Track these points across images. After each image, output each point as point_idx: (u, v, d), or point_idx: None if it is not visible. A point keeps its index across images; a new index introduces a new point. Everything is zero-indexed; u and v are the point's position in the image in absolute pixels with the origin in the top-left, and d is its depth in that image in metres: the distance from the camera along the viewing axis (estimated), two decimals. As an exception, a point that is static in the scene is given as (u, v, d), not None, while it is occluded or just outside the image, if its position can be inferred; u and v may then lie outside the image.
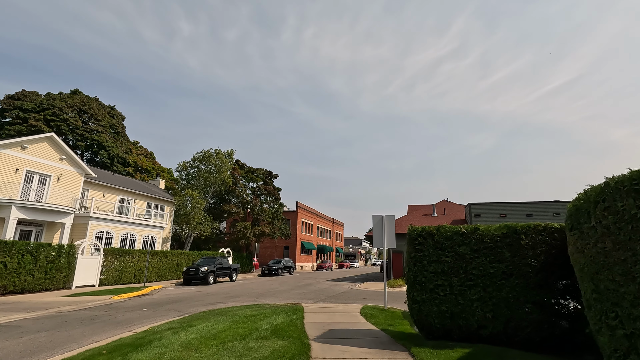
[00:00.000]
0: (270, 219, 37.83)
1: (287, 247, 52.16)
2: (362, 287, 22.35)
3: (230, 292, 18.64)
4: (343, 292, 19.33)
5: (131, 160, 41.62)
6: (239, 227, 35.10)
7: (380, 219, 12.97)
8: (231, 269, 25.87)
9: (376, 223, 12.96)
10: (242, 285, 22.61)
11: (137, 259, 22.11)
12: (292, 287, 22.18)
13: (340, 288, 22.03)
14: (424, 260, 6.78)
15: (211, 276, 22.97)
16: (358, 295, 17.94)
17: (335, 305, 13.19)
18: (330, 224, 71.40)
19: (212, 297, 16.28)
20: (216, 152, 36.78)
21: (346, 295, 17.84)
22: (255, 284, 23.82)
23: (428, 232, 6.88)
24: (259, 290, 19.84)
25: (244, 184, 39.16)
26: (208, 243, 38.24)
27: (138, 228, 27.11)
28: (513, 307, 6.13)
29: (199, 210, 33.40)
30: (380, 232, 12.82)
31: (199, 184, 37.14)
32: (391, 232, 12.81)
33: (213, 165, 37.08)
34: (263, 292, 18.84)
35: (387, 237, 12.76)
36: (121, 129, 42.91)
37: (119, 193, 28.88)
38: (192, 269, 22.52)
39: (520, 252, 6.36)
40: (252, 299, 15.43)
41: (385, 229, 12.80)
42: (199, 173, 37.24)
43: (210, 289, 20.31)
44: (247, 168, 39.82)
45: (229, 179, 36.27)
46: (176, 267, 25.39)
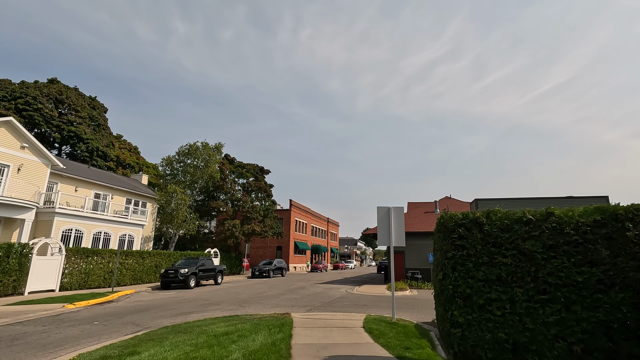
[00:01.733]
0: (261, 217, 35.43)
1: (279, 247, 49.78)
2: (361, 291, 20.10)
3: (211, 297, 16.25)
4: (340, 297, 17.05)
5: (113, 154, 38.94)
6: (227, 226, 32.65)
7: (387, 212, 10.71)
8: (216, 271, 23.46)
9: (382, 217, 10.70)
10: (227, 289, 20.23)
11: (107, 260, 19.61)
12: (283, 291, 19.86)
13: (336, 292, 19.77)
14: (469, 261, 4.54)
15: (192, 279, 20.54)
16: (357, 300, 15.69)
17: (331, 315, 10.91)
18: (325, 223, 69.12)
19: (187, 304, 13.89)
20: (203, 145, 34.29)
21: (343, 300, 15.58)
22: (242, 288, 21.44)
23: (473, 220, 4.67)
24: (245, 295, 17.48)
25: (233, 180, 36.72)
26: (194, 243, 35.73)
27: (114, 226, 24.57)
28: (618, 337, 3.90)
29: (184, 207, 30.90)
30: (386, 227, 10.56)
31: (185, 180, 34.65)
32: (400, 227, 10.56)
33: (200, 159, 34.60)
34: (249, 297, 16.48)
35: (395, 233, 10.50)
36: (103, 122, 40.20)
37: (94, 188, 26.30)
38: (170, 271, 20.09)
39: (626, 249, 4.12)
40: (233, 307, 13.08)
41: (393, 224, 10.54)
42: (185, 168, 34.74)
43: (190, 293, 17.90)
44: (236, 163, 37.39)
45: (216, 174, 33.81)
46: (155, 269, 22.91)
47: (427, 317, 11.83)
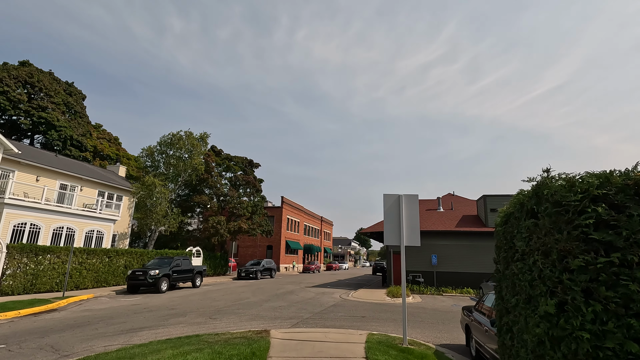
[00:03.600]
0: (249, 214, 32.77)
1: (270, 246, 47.16)
2: (357, 297, 17.62)
3: (180, 305, 13.63)
4: (334, 305, 14.54)
5: (90, 144, 35.97)
6: (211, 222, 29.96)
7: (396, 201, 8.20)
8: (194, 272, 20.79)
9: (389, 207, 8.19)
10: (204, 294, 17.61)
11: (64, 260, 16.86)
12: (268, 296, 17.30)
13: (329, 298, 17.26)
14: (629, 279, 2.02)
15: (164, 282, 17.88)
16: (354, 310, 13.19)
17: (323, 333, 8.38)
18: (318, 222, 66.60)
19: (144, 316, 11.27)
20: (187, 135, 31.54)
21: (338, 310, 13.07)
22: (223, 292, 18.83)
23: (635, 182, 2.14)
24: (222, 301, 14.88)
25: (220, 173, 34.02)
26: (176, 240, 33.00)
27: (80, 221, 21.78)
28: None
29: (164, 201, 28.17)
30: (395, 221, 8.06)
31: (168, 172, 31.89)
32: (413, 221, 8.07)
33: (183, 149, 31.85)
34: (226, 305, 13.89)
35: (407, 229, 8.01)
36: (80, 109, 37.16)
37: (60, 178, 23.47)
38: (138, 273, 17.41)
39: None
40: (200, 320, 10.50)
41: (404, 216, 8.05)
42: (168, 159, 31.97)
43: (158, 299, 15.25)
44: (223, 155, 34.68)
45: (200, 167, 31.09)
46: (124, 270, 20.19)
47: (442, 335, 9.37)
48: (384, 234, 8.15)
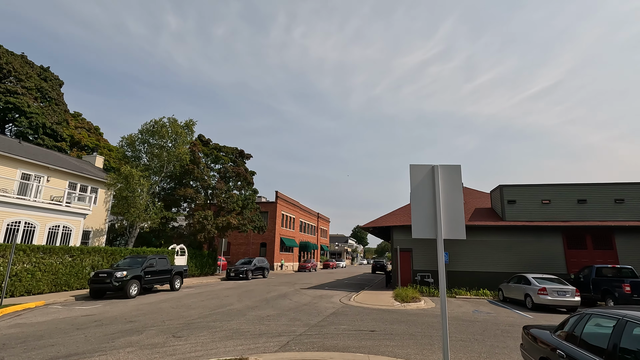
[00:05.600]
0: (239, 208, 30.09)
1: (264, 243, 44.54)
2: (361, 302, 15.08)
3: (141, 316, 11.00)
4: (334, 314, 11.99)
5: (66, 133, 33.03)
6: (197, 217, 27.27)
7: (429, 174, 5.55)
8: (172, 274, 18.13)
9: (419, 183, 5.55)
10: (179, 300, 14.98)
11: (13, 260, 14.11)
12: (256, 301, 14.72)
13: (327, 303, 14.71)
14: None
15: (133, 285, 15.21)
16: (359, 321, 10.63)
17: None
18: (314, 218, 64.03)
19: (87, 333, 8.63)
20: (170, 122, 28.76)
21: (339, 321, 10.51)
22: (203, 296, 16.22)
23: None
24: (198, 310, 12.27)
25: (207, 164, 31.28)
26: (160, 237, 30.27)
27: (42, 215, 19.02)
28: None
29: (144, 194, 25.43)
30: (428, 204, 5.41)
31: (151, 163, 29.11)
32: (455, 203, 5.46)
33: (166, 138, 29.08)
34: (200, 315, 11.28)
35: (447, 215, 5.38)
36: (55, 96, 34.14)
37: (23, 166, 20.68)
38: (102, 275, 14.73)
39: None
40: (158, 341, 7.88)
41: (442, 197, 5.42)
42: (151, 149, 29.18)
43: (120, 308, 12.61)
44: (212, 145, 31.92)
45: (185, 156, 28.34)
46: (90, 271, 17.47)
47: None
48: (412, 222, 5.51)
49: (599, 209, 19.58)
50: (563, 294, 13.84)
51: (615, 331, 3.60)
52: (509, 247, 20.01)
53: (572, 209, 19.82)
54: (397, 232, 21.61)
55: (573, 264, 19.17)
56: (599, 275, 15.45)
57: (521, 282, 15.62)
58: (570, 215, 19.78)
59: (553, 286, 14.13)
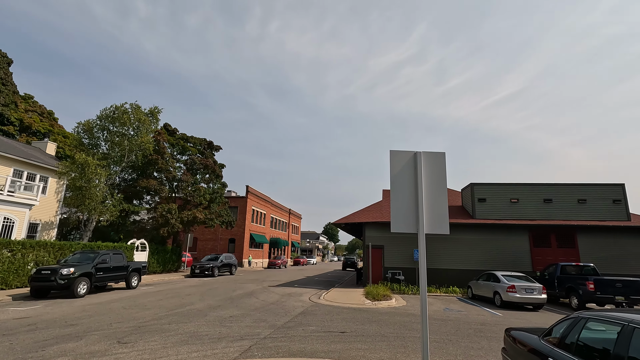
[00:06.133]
0: (206, 202, 28.70)
1: (233, 239, 43.17)
2: (331, 300, 14.51)
3: (85, 319, 9.81)
4: (303, 314, 11.32)
5: (14, 116, 30.09)
6: (160, 211, 25.68)
7: (411, 162, 4.96)
8: (129, 270, 16.75)
9: (400, 171, 4.93)
10: (135, 299, 13.76)
11: None
12: (220, 300, 13.78)
13: (296, 302, 14.02)
14: None
15: (82, 283, 13.80)
16: (329, 321, 10.00)
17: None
18: (286, 214, 63.10)
19: (15, 340, 7.43)
20: (133, 108, 26.88)
21: (308, 321, 9.84)
22: (162, 295, 15.05)
23: None
24: (154, 310, 11.20)
25: (173, 155, 29.58)
26: (119, 232, 28.33)
27: (-21, 204, 16.98)
28: None
29: (101, 184, 23.56)
30: (409, 194, 4.82)
31: (112, 152, 27.10)
32: (438, 195, 4.90)
33: (129, 126, 27.16)
34: (155, 317, 10.24)
35: (430, 207, 4.81)
36: (2, 75, 31.00)
37: (-43, 150, 18.41)
38: (45, 272, 13.23)
39: None
40: (99, 349, 6.86)
41: (425, 187, 4.85)
42: (111, 137, 27.14)
43: (63, 308, 11.28)
44: (178, 135, 30.20)
45: (149, 145, 26.58)
46: (34, 268, 15.75)
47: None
48: (391, 214, 4.89)
49: (563, 208, 20.13)
50: (531, 291, 13.93)
51: (621, 339, 3.14)
52: (478, 244, 20.18)
53: (539, 208, 20.27)
54: (370, 229, 21.26)
55: (538, 261, 19.60)
56: (563, 273, 15.77)
57: (490, 279, 15.65)
58: (536, 214, 20.22)
59: (521, 284, 14.20)
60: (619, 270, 18.31)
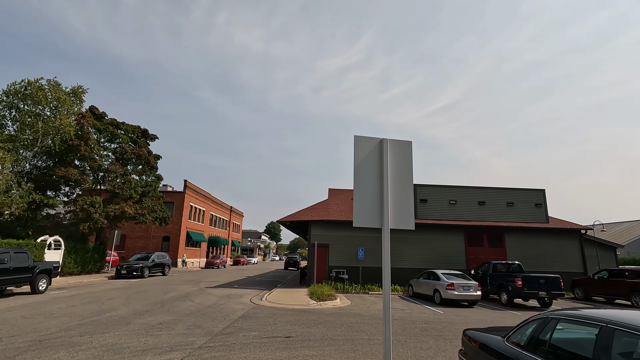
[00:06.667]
0: (137, 196, 26.02)
1: (167, 237, 40.06)
2: (274, 301, 13.72)
3: (-29, 332, 7.89)
4: (243, 317, 10.40)
5: None
6: (81, 204, 22.60)
7: (377, 149, 4.46)
8: (36, 272, 14.27)
9: (364, 159, 4.40)
10: (41, 306, 11.67)
11: None
12: (148, 304, 12.25)
13: (236, 304, 13.01)
14: None
15: (-30, 288, 11.33)
16: (273, 324, 9.24)
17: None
18: (227, 212, 60.52)
19: None
20: (51, 86, 23.39)
21: (250, 326, 8.97)
22: (76, 300, 13.01)
23: None
24: (64, 319, 9.46)
25: (100, 142, 26.35)
26: (28, 227, 24.45)
27: None
28: None
29: (5, 171, 20.04)
30: (373, 186, 4.33)
31: (20, 135, 23.27)
32: (405, 187, 4.47)
33: (46, 106, 23.59)
34: (64, 326, 8.61)
35: (396, 200, 4.36)
36: None
37: None
38: None
39: None
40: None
41: (391, 178, 4.38)
42: (21, 117, 23.31)
43: (-60, 320, 9.04)
44: (107, 120, 26.97)
45: (70, 129, 23.29)
46: None
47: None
48: (354, 207, 4.34)
49: (494, 210, 21.63)
50: (468, 288, 14.52)
51: (600, 342, 2.91)
52: (419, 244, 20.84)
53: (474, 210, 21.53)
54: (315, 227, 20.85)
55: (471, 260, 20.80)
56: (495, 270, 16.79)
57: (430, 277, 16.09)
58: (471, 215, 21.45)
59: (459, 281, 14.75)
60: (539, 268, 20.15)
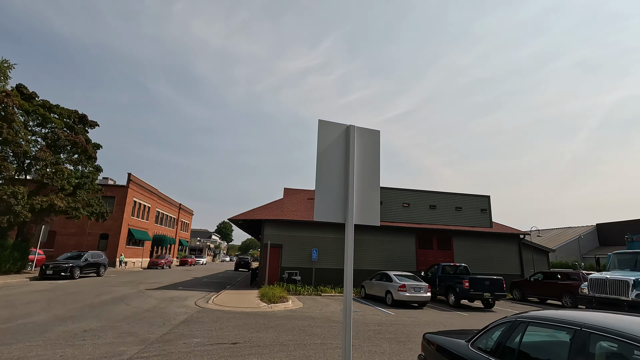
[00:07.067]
0: (71, 188, 23.40)
1: (105, 235, 36.76)
2: (222, 304, 12.83)
3: None
4: (186, 322, 9.48)
5: None
6: (0, 194, 19.77)
7: (343, 136, 4.03)
8: None
9: (329, 146, 3.95)
10: (-63, 311, 9.78)
11: None
12: (74, 309, 10.80)
13: (179, 307, 11.95)
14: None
15: None
16: (219, 329, 8.46)
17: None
18: (175, 210, 57.28)
19: None
20: (-32, 57, 20.28)
21: (192, 331, 8.13)
22: (-14, 304, 11.14)
23: None
24: (-38, 328, 7.91)
25: (28, 125, 23.34)
26: None
27: None
28: None
29: None
30: (337, 176, 3.91)
31: None
32: (372, 178, 4.10)
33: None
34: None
35: (361, 193, 3.98)
36: None
37: None
38: None
39: None
40: None
41: (357, 168, 3.99)
42: None
43: None
44: (37, 101, 23.96)
45: (-11, 108, 20.32)
46: None
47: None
48: (315, 200, 3.87)
49: (444, 214, 22.43)
50: (418, 290, 14.73)
51: (575, 346, 2.72)
52: (373, 245, 20.98)
53: (425, 213, 22.16)
54: (269, 227, 20.14)
55: (421, 262, 21.36)
56: (444, 272, 17.29)
57: (383, 279, 16.13)
58: (423, 218, 22.05)
59: (411, 283, 14.92)
60: (483, 270, 21.22)
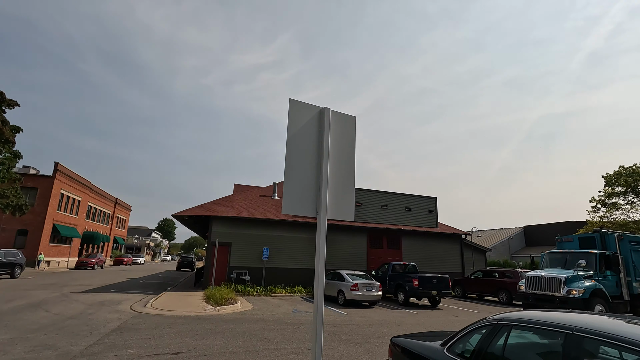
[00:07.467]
0: (-20, 176, 20.11)
1: (24, 231, 32.40)
2: (162, 308, 11.65)
3: None
4: (117, 330, 8.33)
5: None
6: None
7: (316, 119, 3.55)
8: None
9: (301, 129, 3.45)
10: None
11: None
12: (-24, 319, 9.03)
13: (111, 312, 10.60)
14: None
15: None
16: (158, 337, 7.51)
17: None
18: (111, 205, 52.53)
19: None
20: None
21: (126, 341, 7.09)
22: None
23: None
24: None
25: None
26: None
27: None
28: None
29: None
30: (309, 163, 3.43)
31: None
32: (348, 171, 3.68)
33: None
34: None
35: (335, 182, 3.54)
36: None
37: None
38: None
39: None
40: None
41: (331, 156, 3.54)
42: None
43: None
44: (-61, 72, 20.34)
45: None
46: None
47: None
48: (284, 191, 3.32)
49: (394, 214, 22.94)
50: (370, 289, 14.73)
51: (568, 352, 2.53)
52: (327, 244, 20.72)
53: (377, 213, 22.48)
54: (217, 224, 19.01)
55: (372, 261, 21.61)
56: (394, 271, 17.56)
57: (335, 278, 15.94)
58: (374, 218, 22.34)
59: (363, 282, 14.88)
60: (429, 268, 22.04)
